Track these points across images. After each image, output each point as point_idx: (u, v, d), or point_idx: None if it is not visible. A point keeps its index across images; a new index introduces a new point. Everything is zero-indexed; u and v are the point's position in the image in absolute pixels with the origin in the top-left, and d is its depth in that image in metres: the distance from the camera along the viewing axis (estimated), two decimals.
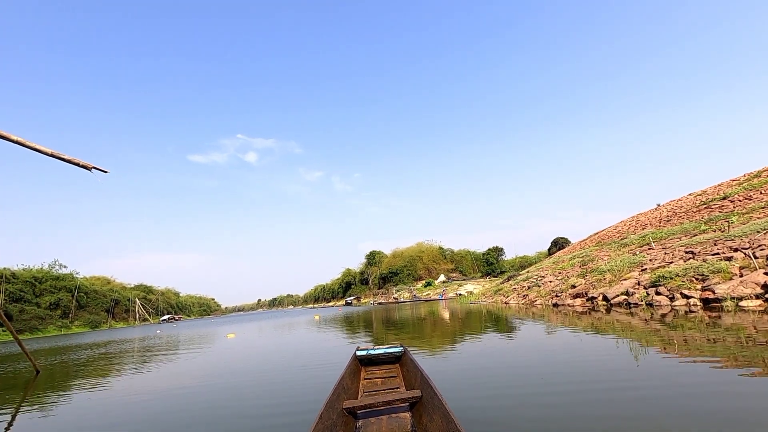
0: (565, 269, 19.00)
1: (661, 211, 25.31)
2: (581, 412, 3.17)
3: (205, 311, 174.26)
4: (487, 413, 3.36)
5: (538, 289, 17.73)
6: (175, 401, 5.03)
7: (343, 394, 3.53)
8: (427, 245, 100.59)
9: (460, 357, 6.44)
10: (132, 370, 8.94)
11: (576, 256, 22.09)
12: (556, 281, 16.85)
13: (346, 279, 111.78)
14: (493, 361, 5.73)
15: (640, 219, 27.02)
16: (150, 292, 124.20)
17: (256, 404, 4.41)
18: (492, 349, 6.91)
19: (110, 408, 5.01)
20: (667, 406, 3.10)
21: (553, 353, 5.86)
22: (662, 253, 12.84)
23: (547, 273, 20.56)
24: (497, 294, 23.71)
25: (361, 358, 5.25)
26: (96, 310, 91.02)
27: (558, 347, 6.36)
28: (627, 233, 22.96)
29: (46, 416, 4.91)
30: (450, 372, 5.21)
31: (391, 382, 4.44)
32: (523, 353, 6.17)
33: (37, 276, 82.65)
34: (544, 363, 5.21)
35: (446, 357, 6.60)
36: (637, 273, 11.97)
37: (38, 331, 70.40)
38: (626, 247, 17.33)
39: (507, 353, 6.35)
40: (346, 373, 4.19)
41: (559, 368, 4.80)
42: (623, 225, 29.65)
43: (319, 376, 5.71)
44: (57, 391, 6.65)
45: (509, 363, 5.50)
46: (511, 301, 19.13)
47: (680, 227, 15.95)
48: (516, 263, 75.71)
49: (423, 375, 3.53)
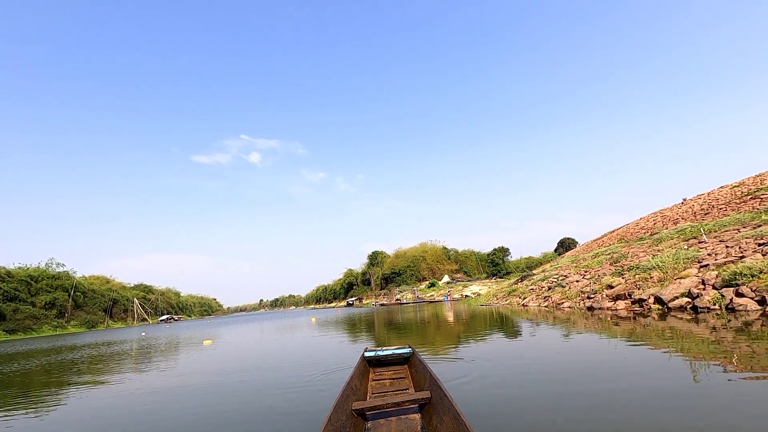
0: (591, 267, 16.78)
1: (690, 205, 23.07)
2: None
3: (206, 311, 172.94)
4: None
5: (562, 289, 15.53)
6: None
7: (352, 396, 3.45)
8: (430, 245, 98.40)
9: (477, 367, 5.35)
10: (53, 394, 6.78)
11: (600, 253, 19.85)
12: (584, 281, 14.65)
13: (348, 279, 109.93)
14: (524, 375, 4.81)
15: (666, 214, 24.76)
16: (150, 292, 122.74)
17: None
18: (526, 364, 5.48)
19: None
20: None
21: (592, 367, 4.81)
22: (723, 246, 10.63)
23: (569, 272, 18.34)
24: (511, 295, 21.50)
25: (370, 359, 5.12)
26: (93, 309, 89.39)
27: (596, 359, 5.30)
28: (655, 228, 20.72)
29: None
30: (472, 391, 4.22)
31: (399, 383, 4.37)
32: (562, 366, 5.05)
33: (33, 275, 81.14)
34: (584, 379, 4.27)
35: (459, 367, 5.52)
36: (696, 270, 9.78)
37: (32, 331, 68.71)
38: (663, 243, 15.11)
39: (542, 365, 5.28)
40: (355, 374, 4.11)
41: (598, 387, 3.91)
42: (645, 221, 27.39)
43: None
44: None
45: (542, 377, 4.56)
46: (530, 303, 16.94)
47: (731, 218, 13.73)
48: (522, 264, 73.34)
49: (432, 376, 3.50)
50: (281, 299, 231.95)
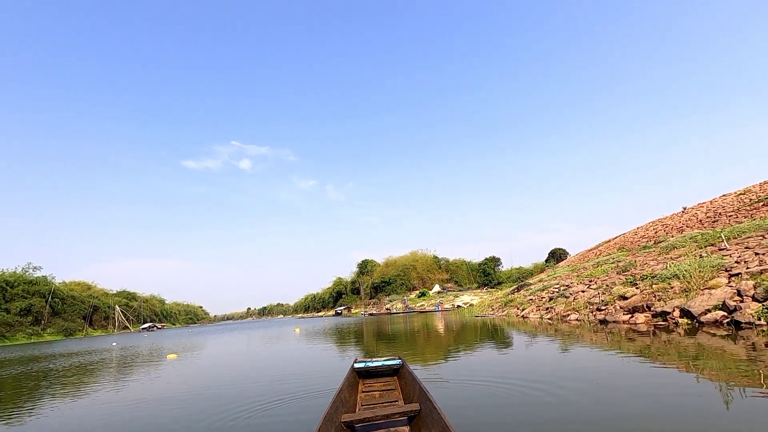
0: (596, 276, 15.58)
1: (693, 214, 22.16)
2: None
3: (191, 319, 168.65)
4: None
5: (565, 300, 14.28)
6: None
7: (342, 408, 3.37)
8: (421, 254, 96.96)
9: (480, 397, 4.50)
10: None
11: (603, 261, 18.71)
12: (591, 291, 13.42)
13: (337, 288, 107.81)
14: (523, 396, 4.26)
15: (667, 222, 23.82)
16: (133, 299, 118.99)
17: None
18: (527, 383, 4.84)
19: None
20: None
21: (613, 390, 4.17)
22: (751, 253, 9.49)
23: (571, 281, 17.13)
24: (508, 306, 20.20)
25: (359, 370, 4.98)
26: (72, 316, 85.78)
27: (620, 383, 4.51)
28: (658, 237, 19.69)
29: None
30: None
31: (389, 395, 4.30)
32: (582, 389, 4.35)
33: (9, 280, 77.50)
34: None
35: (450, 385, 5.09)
36: (726, 279, 8.59)
37: (4, 339, 65.36)
38: (674, 250, 14.01)
39: (552, 384, 4.64)
40: (344, 385, 4.01)
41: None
42: (644, 230, 26.44)
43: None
44: None
45: (550, 399, 4.00)
46: (530, 314, 15.65)
47: (750, 224, 12.65)
48: (513, 274, 72.20)
49: (422, 388, 3.43)
50: (269, 308, 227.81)
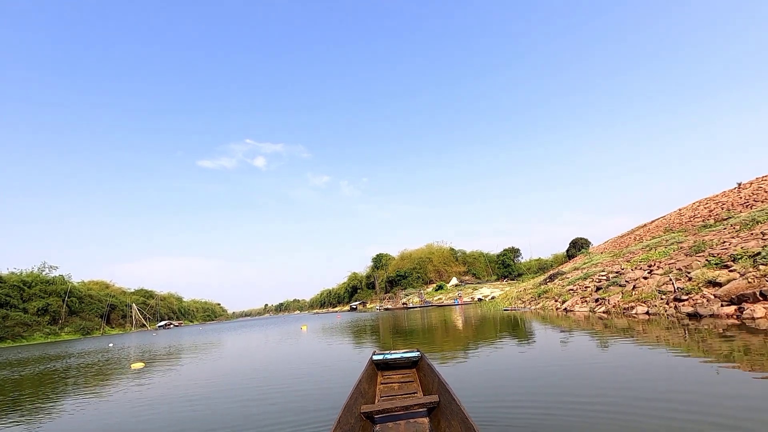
0: (656, 260, 12.97)
1: (756, 187, 19.23)
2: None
3: (209, 317, 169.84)
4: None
5: (620, 289, 11.78)
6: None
7: (361, 399, 3.38)
8: (437, 247, 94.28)
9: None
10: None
11: (655, 244, 15.99)
12: (657, 276, 10.88)
13: (352, 283, 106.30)
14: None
15: (721, 200, 20.90)
16: (150, 297, 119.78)
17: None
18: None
19: None
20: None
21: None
22: None
23: (622, 267, 14.54)
24: (542, 297, 17.70)
25: (378, 362, 4.94)
26: (89, 315, 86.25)
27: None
28: (721, 214, 16.90)
29: None
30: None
31: (408, 386, 4.28)
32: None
33: (26, 280, 78.27)
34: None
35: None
36: None
37: (22, 339, 65.63)
38: (759, 225, 11.34)
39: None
40: (363, 377, 3.98)
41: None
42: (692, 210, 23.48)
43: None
44: None
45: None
46: (575, 307, 13.18)
47: None
48: (533, 265, 69.17)
49: (440, 380, 3.41)
50: (286, 304, 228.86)
